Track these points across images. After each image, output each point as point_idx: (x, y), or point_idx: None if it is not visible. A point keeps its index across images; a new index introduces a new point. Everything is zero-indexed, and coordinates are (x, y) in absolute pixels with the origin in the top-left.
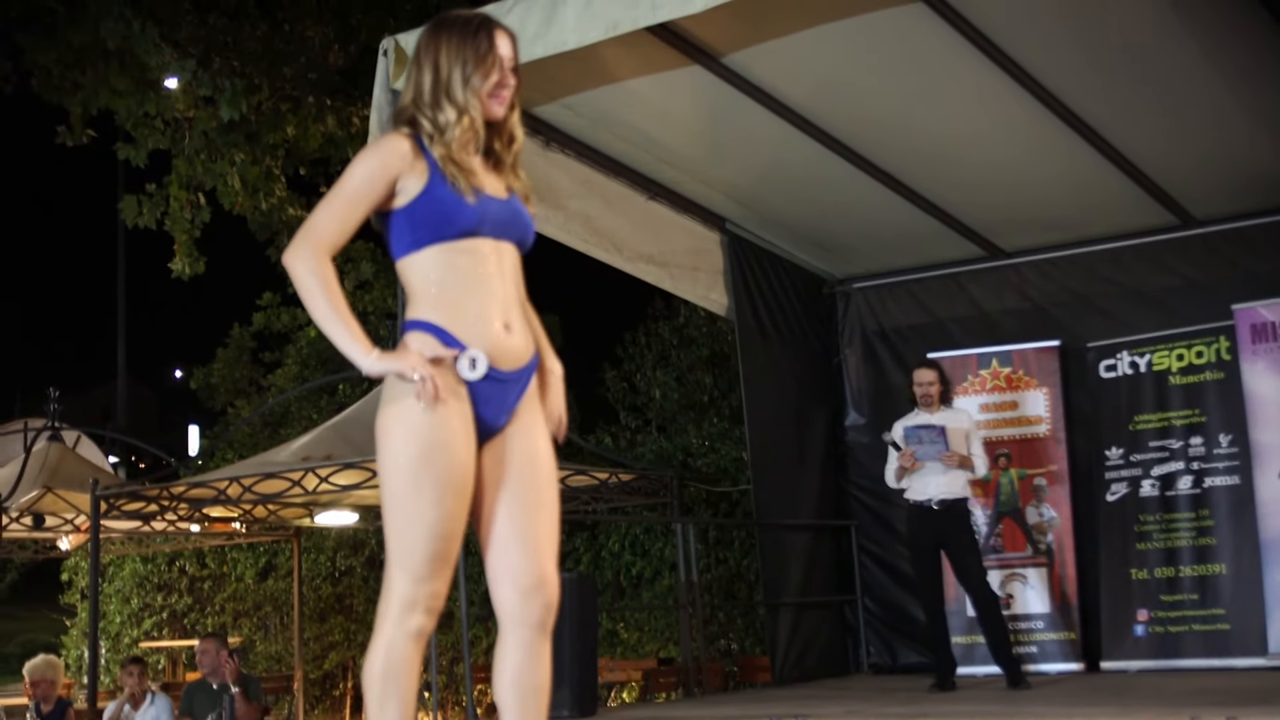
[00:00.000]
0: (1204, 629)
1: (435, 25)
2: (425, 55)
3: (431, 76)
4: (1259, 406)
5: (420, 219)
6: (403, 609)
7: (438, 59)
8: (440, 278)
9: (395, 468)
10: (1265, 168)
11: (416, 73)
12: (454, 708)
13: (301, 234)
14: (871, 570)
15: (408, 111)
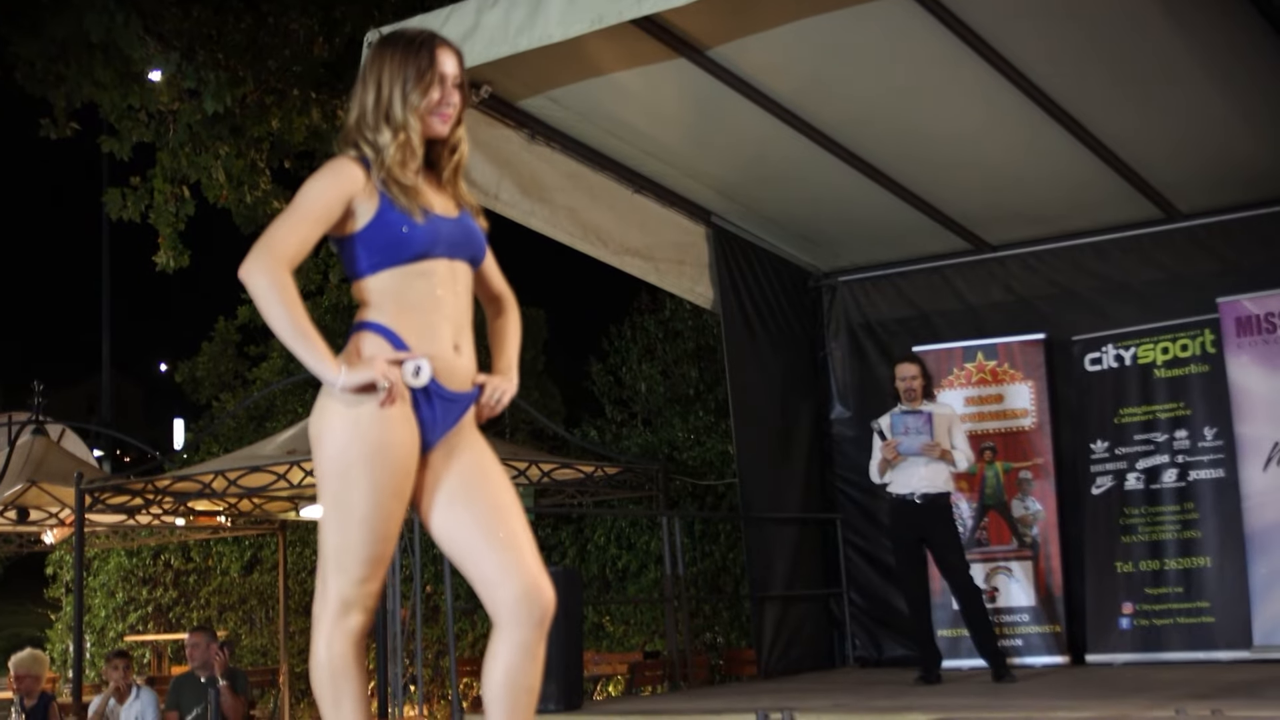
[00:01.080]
0: (1189, 622)
1: (380, 43)
2: (369, 74)
3: (374, 96)
4: (1244, 399)
5: (374, 243)
6: (341, 609)
7: (380, 78)
8: (396, 299)
9: (336, 468)
10: (1249, 161)
11: (361, 92)
12: (439, 701)
13: (260, 247)
14: (857, 563)
15: (351, 135)
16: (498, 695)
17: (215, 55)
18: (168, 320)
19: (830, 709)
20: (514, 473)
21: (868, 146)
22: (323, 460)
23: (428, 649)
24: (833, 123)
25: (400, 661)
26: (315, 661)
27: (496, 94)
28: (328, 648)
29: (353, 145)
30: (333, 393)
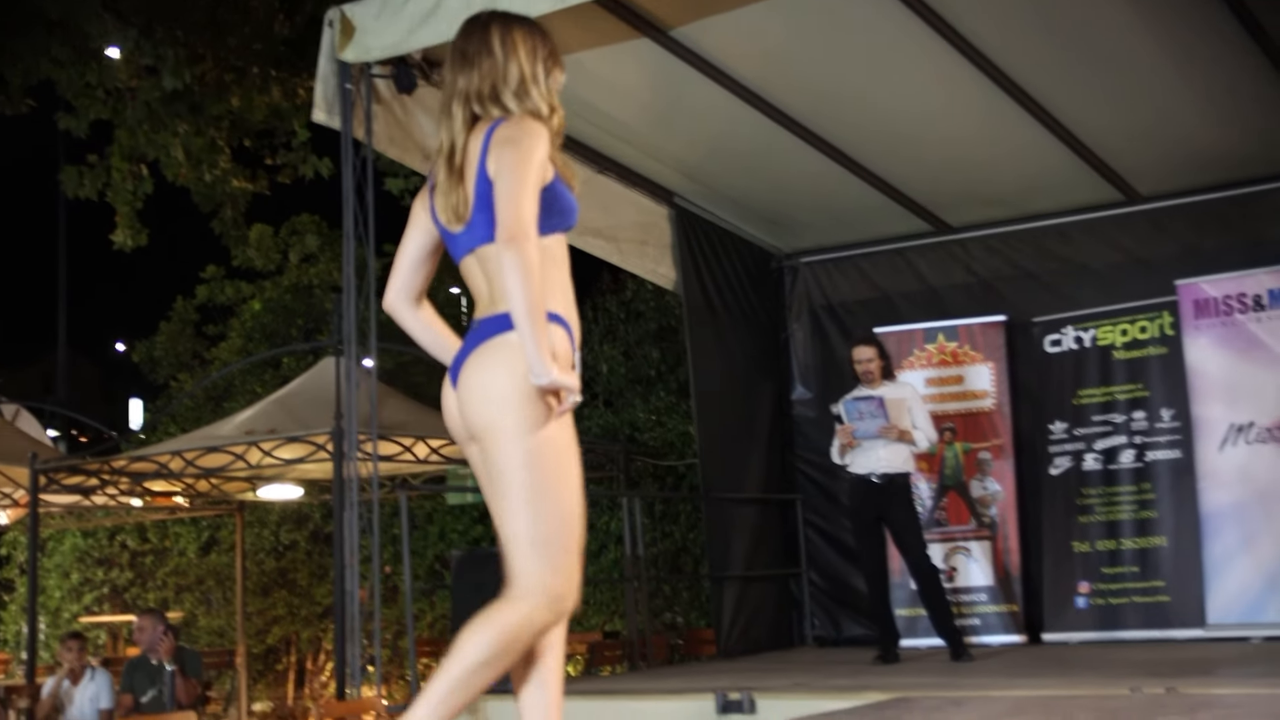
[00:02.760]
0: (1144, 601)
1: (501, 19)
2: (507, 47)
3: (518, 71)
4: (1201, 381)
5: (550, 208)
6: (551, 599)
7: (519, 53)
8: (555, 263)
9: (543, 455)
10: (1210, 145)
11: (498, 63)
12: (398, 681)
13: (521, 223)
14: (817, 544)
15: (487, 99)
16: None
17: (174, 32)
18: (125, 299)
19: (789, 688)
20: None
21: (830, 128)
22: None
23: (386, 630)
24: (796, 104)
25: (358, 642)
26: (505, 621)
27: None
28: (526, 624)
29: (499, 108)
30: (509, 367)
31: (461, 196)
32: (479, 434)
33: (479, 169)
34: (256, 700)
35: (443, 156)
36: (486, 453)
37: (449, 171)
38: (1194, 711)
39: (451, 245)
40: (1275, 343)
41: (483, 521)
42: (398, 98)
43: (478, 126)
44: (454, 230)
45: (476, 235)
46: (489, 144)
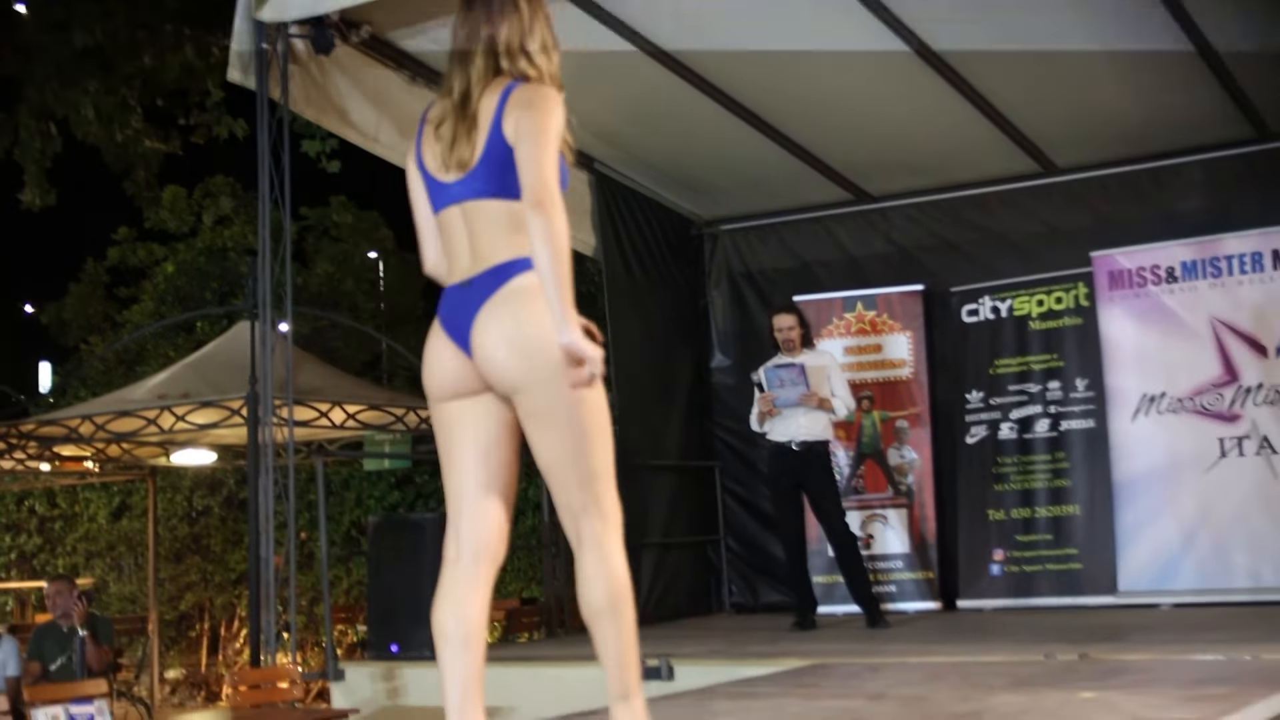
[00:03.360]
0: (1057, 568)
1: None
2: (534, 14)
3: (539, 40)
4: (1115, 352)
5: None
6: (618, 527)
7: (541, 23)
8: None
9: (594, 405)
10: (1126, 118)
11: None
12: (314, 648)
13: (548, 188)
14: (735, 511)
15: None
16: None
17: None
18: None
19: (706, 655)
20: (391, 419)
21: (752, 95)
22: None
23: (301, 596)
24: (717, 70)
25: (273, 609)
26: (616, 572)
27: (377, 34)
28: (622, 565)
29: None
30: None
31: (469, 146)
32: (524, 378)
33: (493, 125)
34: (169, 667)
35: (452, 103)
36: (548, 398)
37: (460, 119)
38: (1106, 677)
39: (437, 193)
40: (1187, 314)
41: (400, 487)
42: (315, 58)
43: (494, 82)
44: (445, 179)
45: (473, 188)
46: (505, 103)
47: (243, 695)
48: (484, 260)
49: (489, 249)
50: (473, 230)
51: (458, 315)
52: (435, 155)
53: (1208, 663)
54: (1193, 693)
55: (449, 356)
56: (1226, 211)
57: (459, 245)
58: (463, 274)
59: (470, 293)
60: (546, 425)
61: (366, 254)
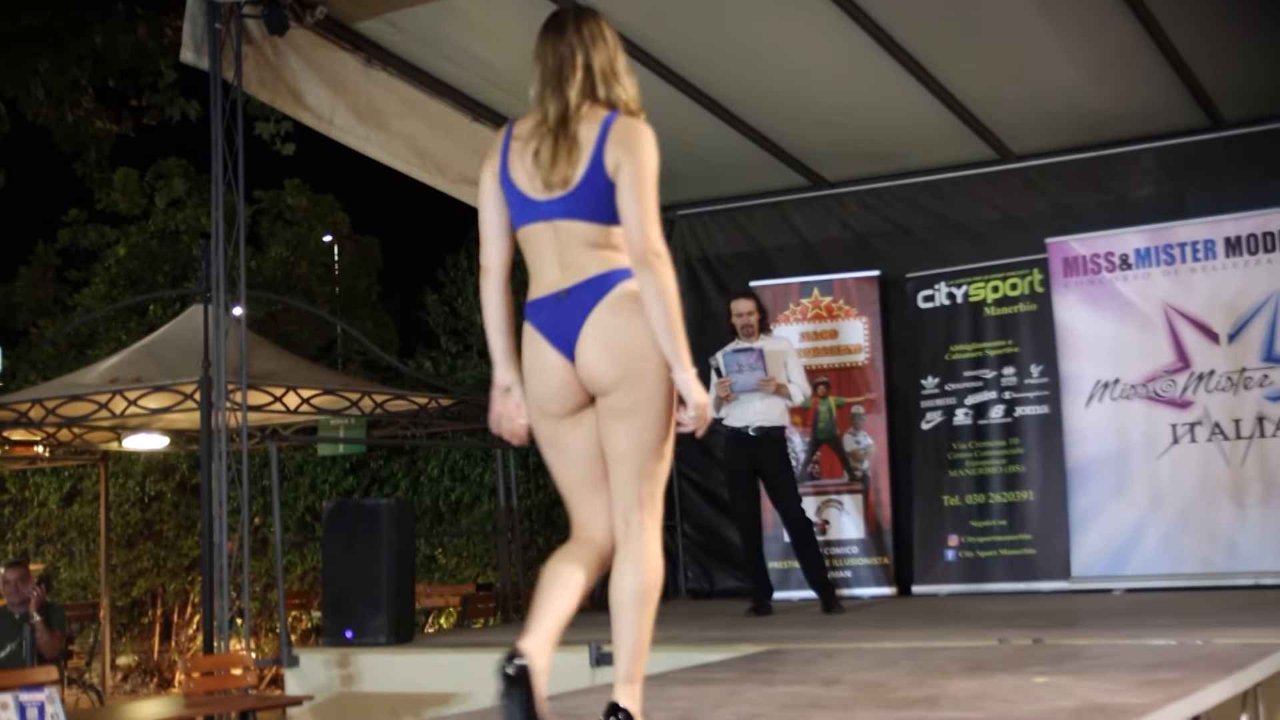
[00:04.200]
0: (1011, 554)
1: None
2: (614, 44)
3: (623, 61)
4: (1069, 338)
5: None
6: (661, 528)
7: (620, 47)
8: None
9: (669, 413)
10: (1081, 105)
11: (609, 53)
12: (267, 634)
13: (654, 244)
14: (691, 497)
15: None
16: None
17: None
18: None
19: (662, 641)
20: (346, 404)
21: (709, 81)
22: (655, 381)
23: (255, 582)
24: (674, 55)
25: (226, 595)
26: (652, 567)
27: (332, 15)
28: (658, 564)
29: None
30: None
31: (569, 169)
32: (630, 377)
33: (594, 155)
34: (121, 654)
35: (549, 125)
36: (636, 396)
37: (559, 141)
38: (1060, 661)
39: (525, 209)
40: (1141, 301)
41: (354, 473)
42: (269, 39)
43: (591, 108)
44: (537, 197)
45: (569, 209)
46: (607, 136)
47: (196, 682)
48: (576, 273)
49: (578, 263)
50: (562, 245)
51: (562, 324)
52: (528, 173)
53: (1160, 647)
54: (1145, 677)
55: (556, 366)
56: (1180, 199)
57: (545, 257)
58: (552, 285)
59: (571, 303)
60: (626, 423)
61: (321, 238)
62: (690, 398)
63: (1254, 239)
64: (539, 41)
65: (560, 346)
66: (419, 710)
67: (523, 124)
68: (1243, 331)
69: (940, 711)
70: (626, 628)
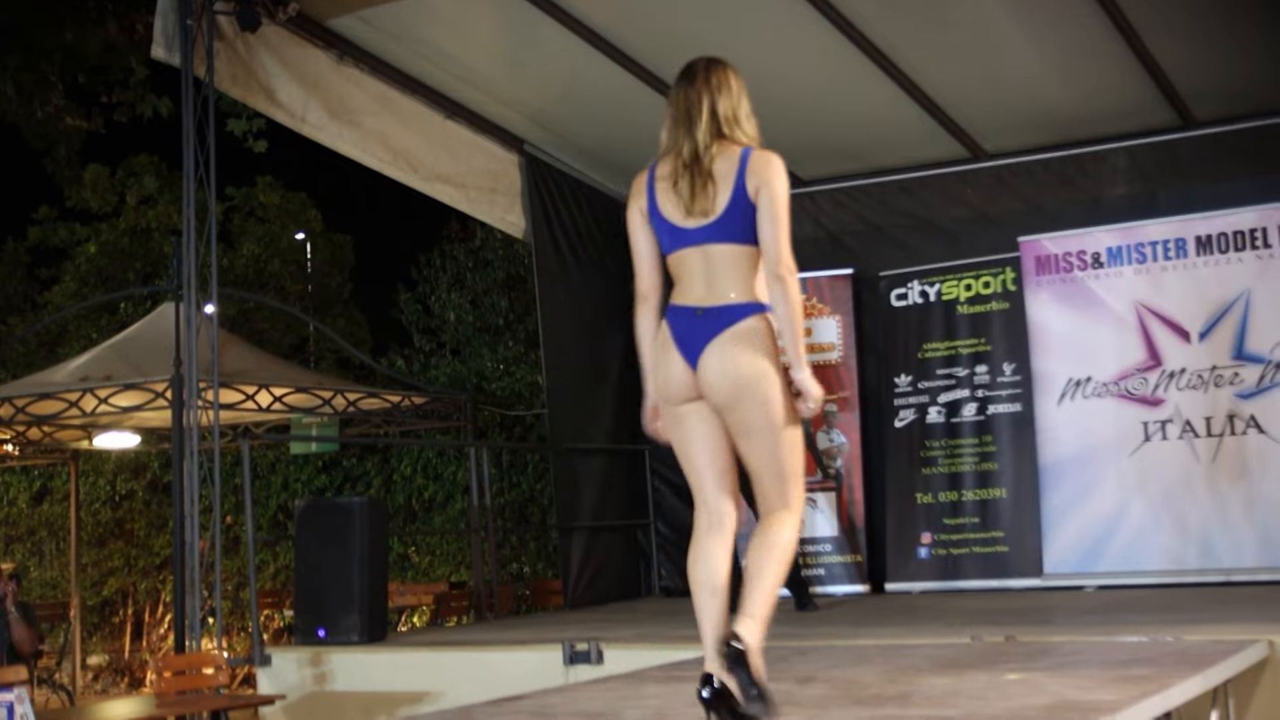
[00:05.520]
0: (984, 551)
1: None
2: (738, 83)
3: (746, 104)
4: (1041, 336)
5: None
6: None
7: (744, 92)
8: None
9: (789, 420)
10: (1053, 105)
11: (740, 98)
12: (239, 633)
13: (787, 262)
14: (664, 494)
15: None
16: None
17: None
18: None
19: (635, 639)
20: (319, 402)
21: None
22: (776, 406)
23: (227, 581)
24: (648, 53)
25: (198, 594)
26: (789, 539)
27: (305, 12)
28: (793, 540)
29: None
30: (765, 348)
31: (709, 200)
32: (731, 401)
33: (736, 185)
34: (92, 653)
35: (683, 162)
36: (751, 414)
37: (695, 176)
38: (1032, 658)
39: (675, 237)
40: (1113, 299)
41: (327, 471)
42: (241, 35)
43: (721, 145)
44: (685, 225)
45: (715, 234)
46: (747, 165)
47: (167, 681)
48: (719, 295)
49: (724, 286)
50: (710, 267)
51: (692, 337)
52: (674, 206)
53: (1132, 644)
54: (1117, 674)
55: (679, 368)
56: (1151, 198)
57: (694, 277)
58: (697, 300)
59: (706, 321)
60: (748, 438)
61: (294, 235)
62: (808, 391)
63: (1224, 238)
64: (673, 88)
65: (685, 354)
66: (392, 709)
67: (662, 166)
68: (1213, 330)
69: (913, 709)
70: (758, 574)
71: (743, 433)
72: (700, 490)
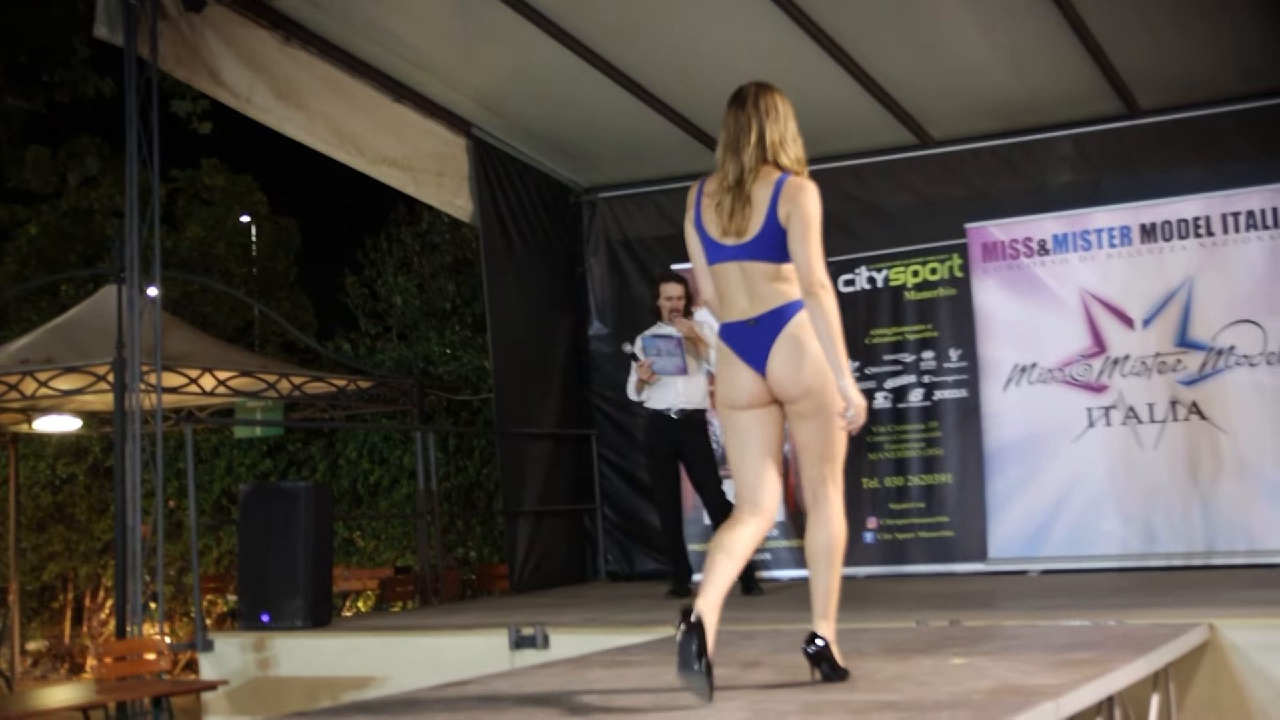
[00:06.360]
0: (929, 536)
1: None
2: (786, 108)
3: (793, 130)
4: (987, 322)
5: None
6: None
7: (792, 118)
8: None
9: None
10: (1001, 92)
11: (786, 123)
12: (182, 618)
13: (820, 278)
14: (611, 479)
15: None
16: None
17: None
18: None
19: (582, 623)
20: (263, 386)
21: (632, 63)
22: (829, 393)
23: (170, 566)
24: (597, 37)
25: (140, 579)
26: (837, 528)
27: None
28: (842, 525)
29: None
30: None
31: (745, 221)
32: (808, 392)
33: (769, 210)
34: (31, 639)
35: (728, 184)
36: (816, 402)
37: (736, 198)
38: (976, 642)
39: (715, 251)
40: (1058, 286)
41: (271, 455)
42: (185, 16)
43: (763, 171)
44: (723, 242)
45: (750, 253)
46: (780, 192)
47: (108, 667)
48: (761, 304)
49: (763, 296)
50: (749, 280)
51: (753, 347)
52: (715, 223)
53: (1075, 628)
54: (1060, 658)
55: (746, 378)
56: (1097, 186)
57: (735, 290)
58: (743, 313)
59: (760, 329)
60: (808, 422)
61: (239, 218)
62: (851, 399)
63: (1168, 225)
64: (726, 110)
65: (751, 363)
66: (336, 694)
67: (710, 182)
68: (1157, 317)
69: (858, 694)
70: (820, 575)
71: (802, 416)
72: (747, 487)
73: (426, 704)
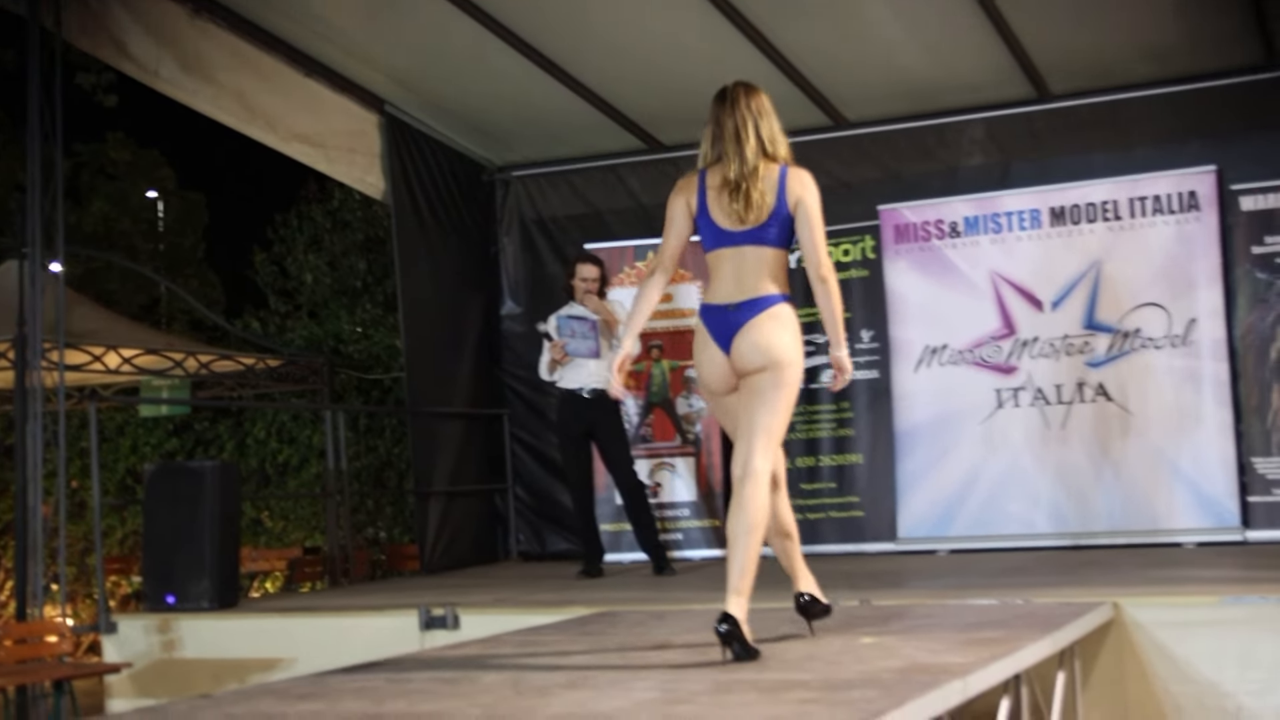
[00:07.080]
0: (840, 516)
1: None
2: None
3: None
4: (899, 304)
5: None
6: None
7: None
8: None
9: (796, 381)
10: (914, 75)
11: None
12: (85, 600)
13: (827, 265)
14: (523, 459)
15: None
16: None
17: None
18: None
19: (492, 603)
20: (169, 364)
21: (546, 40)
22: (792, 372)
23: (73, 547)
24: (511, 13)
25: (41, 560)
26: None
27: None
28: (763, 505)
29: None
30: (791, 328)
31: (752, 210)
32: (772, 364)
33: (778, 198)
34: None
35: (735, 176)
36: (773, 376)
37: (747, 189)
38: (886, 621)
39: (719, 236)
40: (969, 268)
41: (177, 434)
42: None
43: (767, 163)
44: (731, 228)
45: (756, 238)
46: (786, 181)
47: (8, 650)
48: (747, 291)
49: (752, 284)
50: (741, 266)
51: (726, 328)
52: (724, 214)
53: (983, 607)
54: (969, 636)
55: (719, 360)
56: (1006, 169)
57: (727, 275)
58: (728, 298)
59: (738, 314)
60: (757, 397)
61: (145, 193)
62: (843, 366)
63: (1076, 209)
64: (716, 108)
65: (721, 343)
66: (243, 676)
67: (712, 175)
68: (1065, 299)
69: (769, 673)
70: (738, 551)
71: (754, 390)
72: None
73: (335, 686)
